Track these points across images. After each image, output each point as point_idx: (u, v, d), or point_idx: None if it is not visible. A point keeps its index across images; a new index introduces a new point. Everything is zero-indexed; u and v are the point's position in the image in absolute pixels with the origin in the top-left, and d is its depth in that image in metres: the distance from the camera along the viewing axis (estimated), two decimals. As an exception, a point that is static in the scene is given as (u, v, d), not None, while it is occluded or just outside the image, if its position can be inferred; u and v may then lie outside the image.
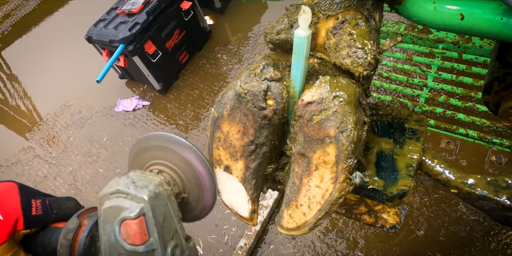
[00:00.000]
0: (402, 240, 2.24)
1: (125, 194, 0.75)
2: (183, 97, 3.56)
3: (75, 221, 0.84)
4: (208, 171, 0.87)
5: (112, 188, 0.77)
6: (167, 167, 0.90)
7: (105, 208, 0.76)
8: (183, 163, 0.88)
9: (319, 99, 0.72)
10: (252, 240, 2.42)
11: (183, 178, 0.89)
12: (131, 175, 0.80)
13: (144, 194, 0.75)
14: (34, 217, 0.82)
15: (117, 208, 0.75)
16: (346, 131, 0.69)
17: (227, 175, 0.90)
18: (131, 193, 0.75)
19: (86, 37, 3.26)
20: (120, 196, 0.76)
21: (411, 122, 0.94)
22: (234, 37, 3.93)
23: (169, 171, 0.89)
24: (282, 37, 0.85)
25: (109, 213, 0.75)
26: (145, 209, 0.74)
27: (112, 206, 0.75)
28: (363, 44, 0.74)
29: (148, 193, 0.75)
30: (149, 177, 0.81)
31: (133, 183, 0.78)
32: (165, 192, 0.80)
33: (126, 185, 0.77)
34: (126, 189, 0.76)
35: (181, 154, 0.87)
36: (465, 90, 2.07)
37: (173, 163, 0.89)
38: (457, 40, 2.13)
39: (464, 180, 0.84)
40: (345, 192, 0.74)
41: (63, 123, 3.77)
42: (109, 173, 3.20)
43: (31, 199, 0.83)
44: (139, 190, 0.76)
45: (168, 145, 0.88)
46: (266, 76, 0.76)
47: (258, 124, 0.80)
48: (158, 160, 0.91)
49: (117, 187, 0.76)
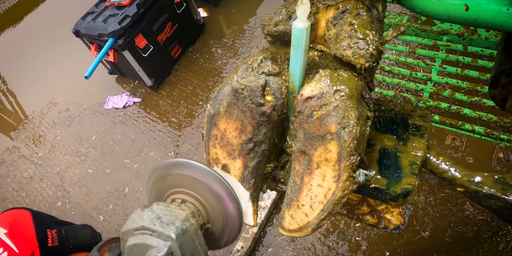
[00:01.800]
0: (406, 242, 2.25)
1: (151, 231, 0.75)
2: (176, 93, 3.56)
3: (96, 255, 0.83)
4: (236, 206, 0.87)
5: (137, 224, 0.76)
6: (190, 196, 0.88)
7: (130, 245, 0.75)
8: (210, 195, 0.87)
9: (319, 94, 0.72)
10: (250, 243, 2.42)
11: (207, 208, 0.88)
12: (155, 209, 0.79)
13: (172, 232, 0.74)
14: (51, 249, 0.81)
15: (143, 246, 0.74)
16: (348, 127, 0.69)
17: (224, 174, 0.90)
18: (157, 231, 0.74)
19: (73, 30, 3.25)
20: (145, 233, 0.75)
21: (414, 118, 0.94)
22: (229, 30, 3.93)
23: (193, 201, 0.88)
24: (280, 29, 0.86)
25: (135, 251, 0.75)
26: (173, 247, 0.74)
27: (137, 243, 0.75)
28: (365, 35, 0.74)
29: (175, 230, 0.75)
30: (175, 212, 0.80)
31: (159, 218, 0.77)
32: (192, 227, 0.79)
33: (151, 221, 0.76)
34: (152, 226, 0.75)
35: (210, 187, 0.85)
36: (471, 84, 2.07)
37: (199, 194, 0.88)
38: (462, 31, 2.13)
39: (471, 178, 0.84)
40: (349, 191, 0.75)
41: (50, 122, 3.76)
42: (99, 174, 3.20)
43: (47, 229, 0.82)
44: (165, 227, 0.75)
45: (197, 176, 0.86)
46: (264, 70, 0.76)
47: (256, 121, 0.80)
48: (180, 189, 0.89)
49: (142, 223, 0.75)
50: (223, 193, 0.85)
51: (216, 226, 0.91)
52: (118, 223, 2.85)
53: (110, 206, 2.97)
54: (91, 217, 2.95)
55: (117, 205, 2.96)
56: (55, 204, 3.11)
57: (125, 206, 2.93)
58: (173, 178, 0.90)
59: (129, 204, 2.94)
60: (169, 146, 3.20)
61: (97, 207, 3.00)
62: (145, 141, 3.28)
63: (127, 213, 2.88)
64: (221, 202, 0.86)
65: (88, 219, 2.95)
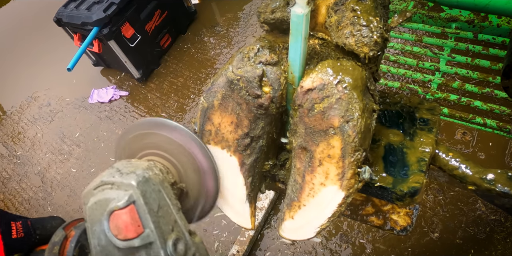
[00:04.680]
0: (414, 244, 2.25)
1: (110, 184, 0.72)
2: (166, 86, 3.55)
3: (61, 233, 0.82)
4: (203, 152, 0.84)
5: (95, 182, 0.73)
6: (158, 156, 0.86)
7: (90, 205, 0.72)
8: (173, 148, 0.85)
9: (321, 85, 0.72)
10: (246, 247, 2.42)
11: (178, 167, 0.86)
12: (116, 165, 0.77)
13: (132, 179, 0.71)
14: (16, 241, 0.81)
15: (104, 202, 0.71)
16: (352, 121, 0.69)
17: None
18: (116, 182, 0.72)
19: (55, 19, 3.23)
20: (105, 188, 0.72)
21: (422, 111, 0.94)
22: (222, 17, 3.91)
23: (160, 160, 0.86)
24: (277, 16, 0.85)
25: (95, 210, 0.71)
26: (135, 195, 0.70)
27: (97, 201, 0.71)
28: (368, 21, 0.74)
29: (135, 177, 0.72)
30: (136, 163, 0.78)
31: (118, 171, 0.74)
32: (157, 177, 0.77)
33: (111, 174, 0.74)
34: (111, 178, 0.72)
35: (170, 137, 0.84)
36: (482, 75, 2.07)
37: (163, 150, 0.86)
38: (472, 18, 2.13)
39: (483, 175, 0.84)
40: (354, 189, 0.75)
41: (30, 117, 3.74)
42: (83, 173, 3.19)
43: (11, 222, 0.82)
44: (125, 176, 0.72)
45: (154, 130, 0.85)
46: (261, 60, 0.76)
47: (253, 114, 0.80)
48: (148, 150, 0.88)
49: (100, 179, 0.73)
50: (184, 140, 0.84)
51: (191, 186, 0.88)
52: (105, 226, 2.83)
53: (96, 208, 2.95)
54: (75, 220, 2.93)
55: (103, 206, 2.94)
56: (36, 206, 3.10)
57: (112, 208, 2.91)
58: (139, 140, 0.88)
59: (116, 206, 2.92)
60: (158, 143, 3.17)
61: (80, 210, 2.97)
62: (133, 138, 3.26)
63: (114, 215, 2.86)
64: (194, 162, 0.85)
65: (72, 222, 2.93)
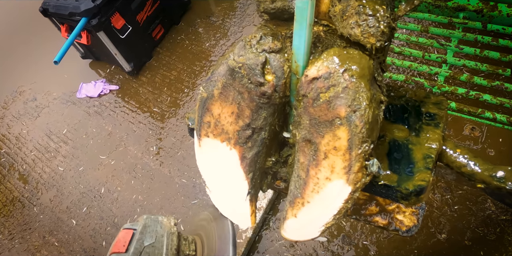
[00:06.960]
0: (420, 245, 2.26)
1: None
2: (158, 79, 3.55)
3: None
4: None
5: None
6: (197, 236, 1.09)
7: None
8: (212, 241, 1.04)
9: (326, 74, 0.72)
10: (243, 249, 2.42)
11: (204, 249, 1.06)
12: None
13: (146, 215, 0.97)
14: None
15: None
16: (360, 110, 0.69)
17: None
18: None
19: (41, 9, 3.22)
20: None
21: (428, 105, 0.94)
22: (218, 7, 3.91)
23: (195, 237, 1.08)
24: (278, 6, 0.85)
25: None
26: (139, 223, 0.94)
27: None
28: (374, 10, 0.74)
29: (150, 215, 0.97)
30: None
31: None
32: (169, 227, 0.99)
33: None
34: None
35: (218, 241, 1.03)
36: (491, 67, 2.08)
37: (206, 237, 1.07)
38: (481, 7, 2.13)
39: (492, 172, 0.84)
40: (361, 184, 0.74)
41: (15, 113, 3.74)
42: (70, 172, 3.19)
43: None
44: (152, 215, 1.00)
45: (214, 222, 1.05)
46: (264, 47, 0.76)
47: (255, 103, 0.80)
48: None
49: None
50: None
51: None
52: (93, 228, 2.84)
53: (84, 208, 2.96)
54: (62, 222, 2.94)
55: (92, 207, 2.95)
56: (21, 207, 3.11)
57: (100, 209, 2.92)
58: None
59: (105, 206, 2.92)
60: (150, 140, 3.19)
61: (68, 210, 2.98)
62: (123, 135, 3.27)
63: (103, 217, 2.87)
64: None
65: (58, 224, 2.94)
